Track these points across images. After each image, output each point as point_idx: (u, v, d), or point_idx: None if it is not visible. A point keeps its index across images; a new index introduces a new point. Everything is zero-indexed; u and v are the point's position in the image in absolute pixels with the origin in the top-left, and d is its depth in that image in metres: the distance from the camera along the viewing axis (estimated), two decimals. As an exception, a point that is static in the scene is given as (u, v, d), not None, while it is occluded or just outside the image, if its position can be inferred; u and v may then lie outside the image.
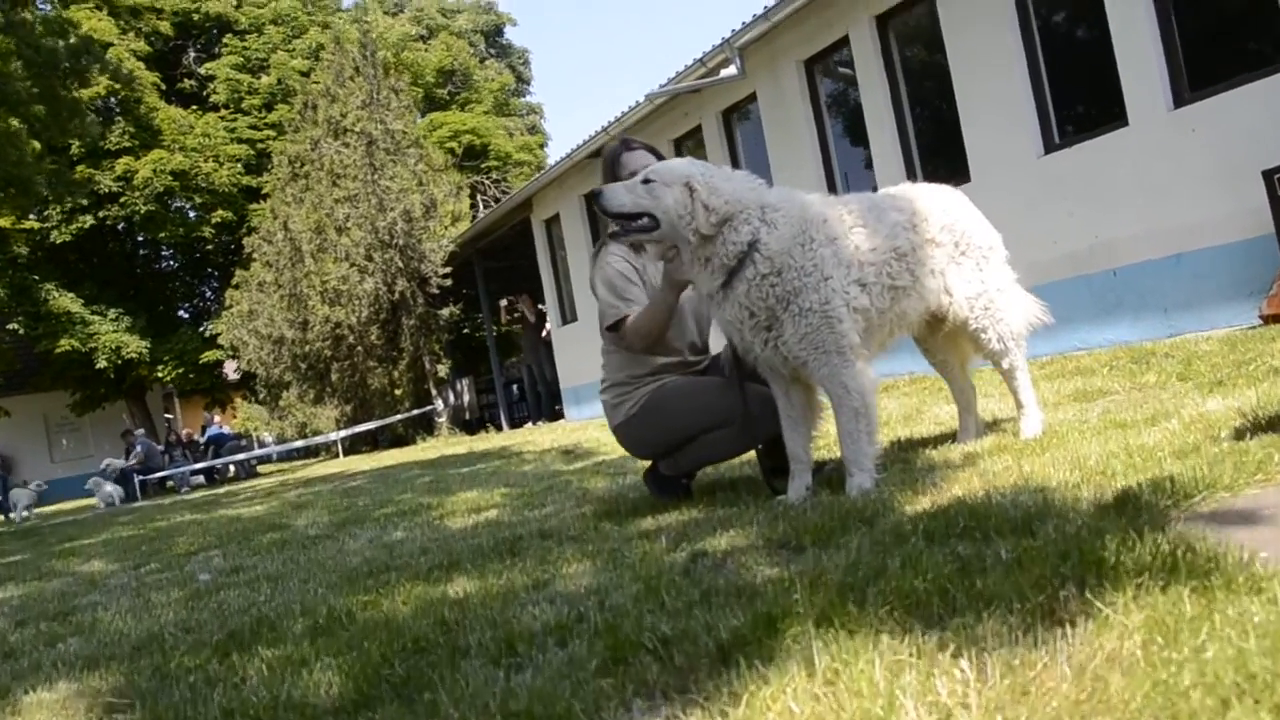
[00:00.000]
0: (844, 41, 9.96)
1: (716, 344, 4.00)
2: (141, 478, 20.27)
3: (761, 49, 10.66)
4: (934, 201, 3.80)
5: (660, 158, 4.00)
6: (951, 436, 4.26)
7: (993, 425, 4.33)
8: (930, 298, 3.71)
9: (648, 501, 4.04)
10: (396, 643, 2.39)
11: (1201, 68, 7.24)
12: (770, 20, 9.94)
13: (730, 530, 3.08)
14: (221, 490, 16.88)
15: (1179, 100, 7.08)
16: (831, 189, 10.53)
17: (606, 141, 13.46)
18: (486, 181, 29.34)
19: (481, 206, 28.89)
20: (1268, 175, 6.04)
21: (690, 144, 12.85)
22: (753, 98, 11.29)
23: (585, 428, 12.75)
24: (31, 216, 27.93)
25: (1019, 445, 3.63)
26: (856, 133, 10.34)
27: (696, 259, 3.45)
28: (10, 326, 29.00)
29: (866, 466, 3.43)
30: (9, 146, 14.28)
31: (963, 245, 3.79)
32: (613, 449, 8.53)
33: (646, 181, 3.47)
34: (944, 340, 4.01)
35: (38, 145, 15.81)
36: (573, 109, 78.71)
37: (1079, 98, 8.36)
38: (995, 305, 3.82)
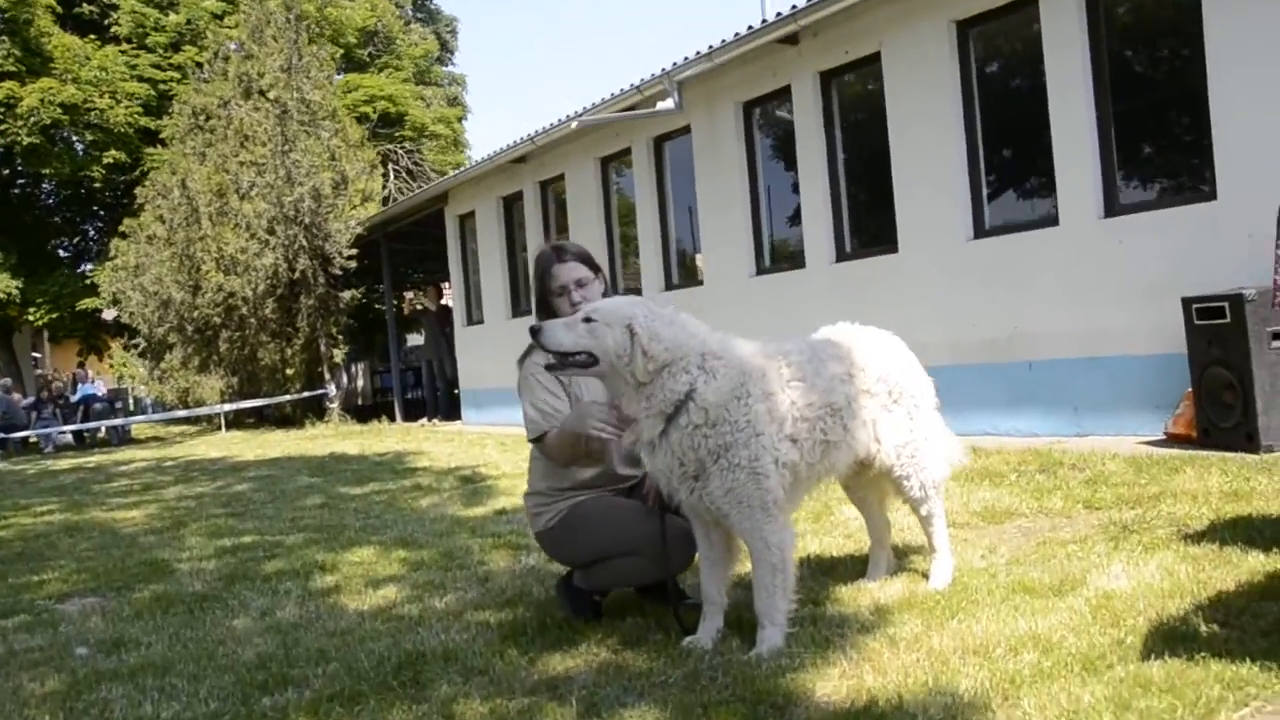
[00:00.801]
0: (785, 92, 10.06)
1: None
2: (1, 435, 19.61)
3: (701, 85, 10.73)
4: (872, 351, 3.91)
5: (594, 266, 4.05)
6: (860, 564, 4.41)
7: (901, 555, 4.47)
8: (860, 448, 3.83)
9: (555, 619, 4.09)
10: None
11: (1137, 183, 7.55)
12: (713, 60, 9.99)
13: (642, 698, 3.14)
14: (92, 461, 16.44)
15: (1110, 210, 7.36)
16: (757, 235, 10.67)
17: (532, 149, 13.42)
18: (399, 151, 28.89)
19: (393, 176, 28.48)
20: (1186, 303, 6.33)
21: (617, 165, 12.89)
22: (686, 130, 11.35)
23: (483, 441, 12.74)
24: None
25: (928, 603, 3.77)
26: (789, 183, 10.47)
27: (634, 400, 3.50)
28: None
29: (779, 621, 3.53)
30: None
31: (895, 394, 3.92)
32: (512, 482, 8.61)
33: (588, 320, 3.51)
34: (866, 481, 4.13)
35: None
36: (498, 87, 77.84)
37: (1014, 188, 8.63)
38: (920, 454, 3.96)
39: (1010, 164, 8.69)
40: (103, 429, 22.38)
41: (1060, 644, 3.17)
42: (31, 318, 29.14)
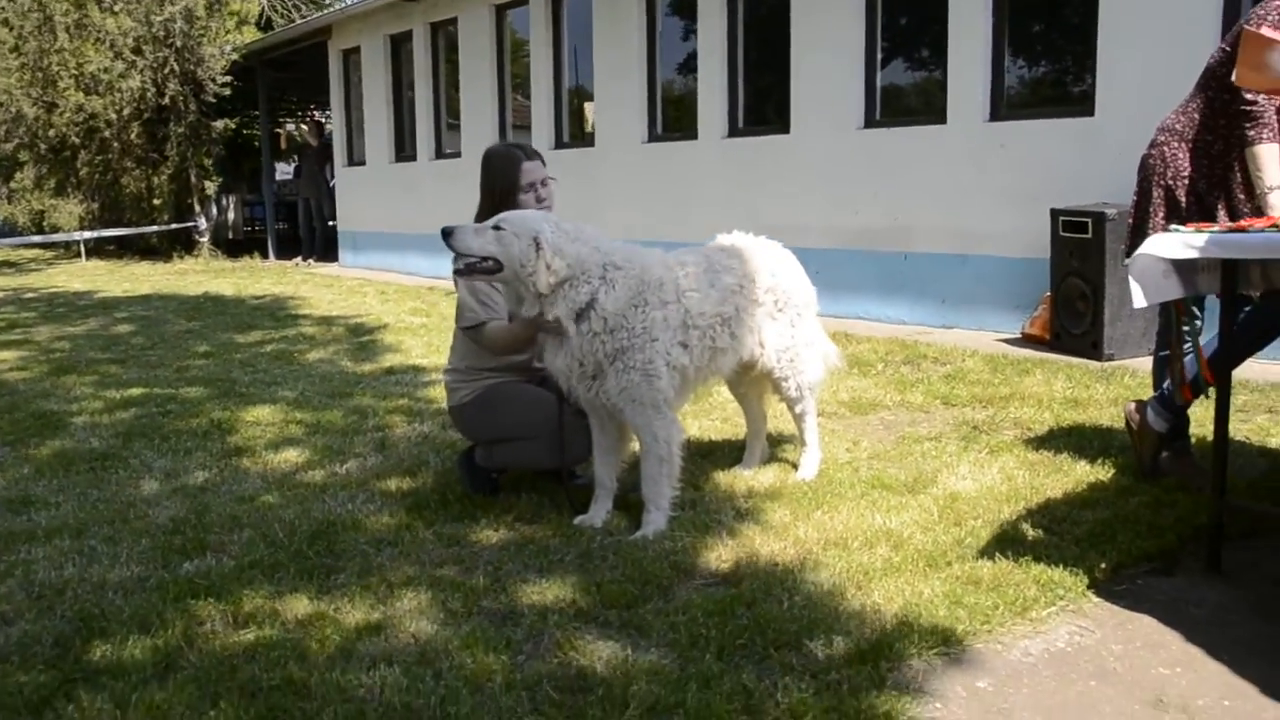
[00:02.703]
0: (690, -44, 10.17)
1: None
2: None
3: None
4: (763, 262, 4.33)
5: (544, 162, 4.37)
6: (736, 449, 4.93)
7: (774, 444, 4.99)
8: (745, 352, 4.29)
9: (455, 493, 4.49)
10: (243, 704, 2.79)
11: (1024, 91, 8.01)
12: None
13: (542, 576, 3.59)
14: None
15: (996, 114, 7.83)
16: (651, 102, 10.87)
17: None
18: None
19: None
20: (1054, 214, 6.90)
21: (515, 13, 12.81)
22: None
23: (363, 289, 12.89)
24: None
25: (796, 493, 4.29)
26: (688, 51, 10.64)
27: (532, 307, 3.86)
28: None
29: (663, 507, 4.02)
30: None
31: (781, 303, 4.36)
32: (397, 337, 8.91)
33: (497, 229, 3.83)
34: (748, 380, 4.60)
35: None
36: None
37: (907, 82, 9.01)
38: (800, 358, 4.44)
39: (906, 58, 9.05)
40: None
41: (909, 540, 3.72)
42: None
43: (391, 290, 12.54)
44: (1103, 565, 3.41)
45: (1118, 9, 7.01)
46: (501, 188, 4.35)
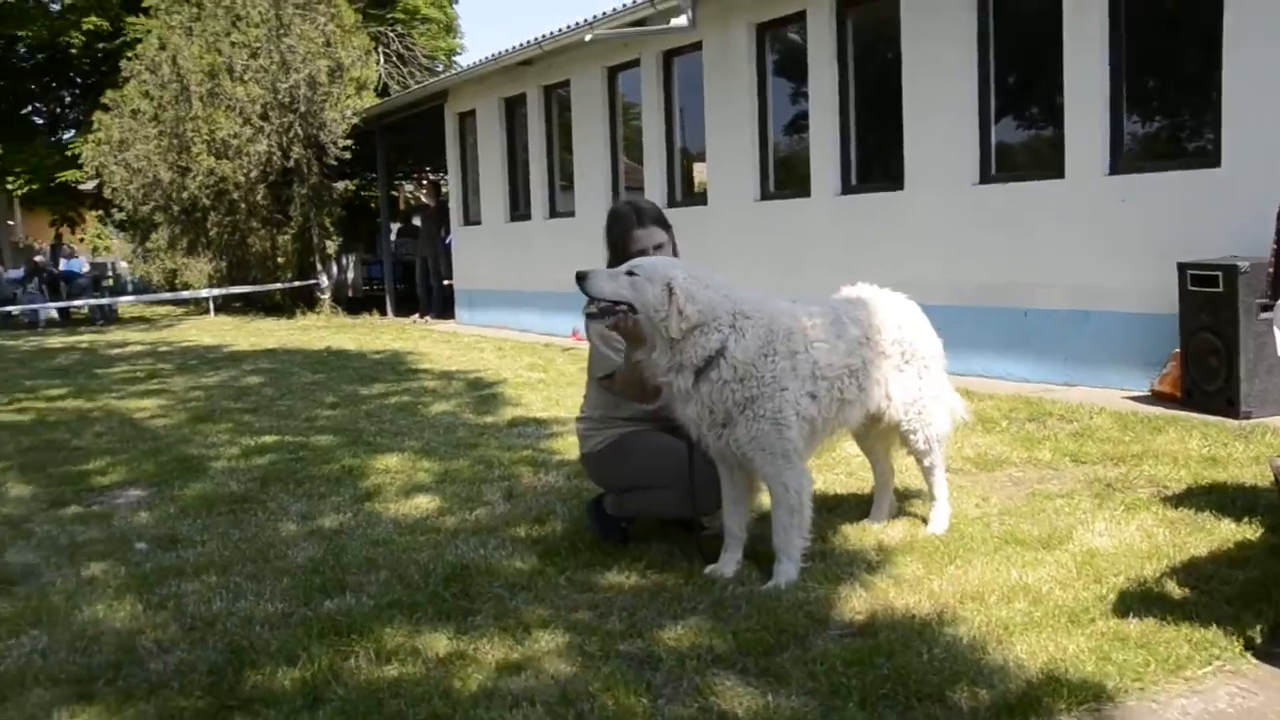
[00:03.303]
0: (800, 16, 10.25)
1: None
2: (-12, 308, 19.82)
3: (715, 3, 10.86)
4: (889, 314, 4.31)
5: (666, 225, 4.44)
6: (862, 503, 4.89)
7: (902, 499, 4.93)
8: (872, 404, 4.26)
9: (585, 540, 4.52)
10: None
11: (1144, 143, 7.88)
12: (729, -22, 10.18)
13: (677, 622, 3.59)
14: (84, 341, 16.72)
15: (1115, 168, 7.70)
16: (764, 159, 10.94)
17: (538, 54, 13.50)
18: (390, 34, 28.59)
19: (383, 60, 28.26)
20: (1182, 268, 6.74)
21: (625, 75, 13.04)
22: (698, 46, 11.52)
23: (480, 345, 13.11)
24: None
25: (927, 547, 4.23)
26: (799, 109, 10.72)
27: (665, 352, 3.90)
28: None
29: (795, 557, 3.99)
30: None
31: (908, 355, 4.33)
32: (516, 391, 9.04)
33: (631, 274, 3.89)
34: (875, 433, 4.56)
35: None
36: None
37: (1023, 136, 8.94)
38: (927, 411, 4.39)
39: (1021, 112, 8.99)
40: (86, 307, 22.54)
41: (1048, 596, 3.63)
42: (10, 187, 29.14)
43: (508, 346, 12.75)
44: (1259, 626, 3.28)
45: (1243, 60, 6.87)
46: (619, 246, 4.43)
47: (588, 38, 11.84)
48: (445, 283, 17.95)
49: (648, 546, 4.40)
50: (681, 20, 10.92)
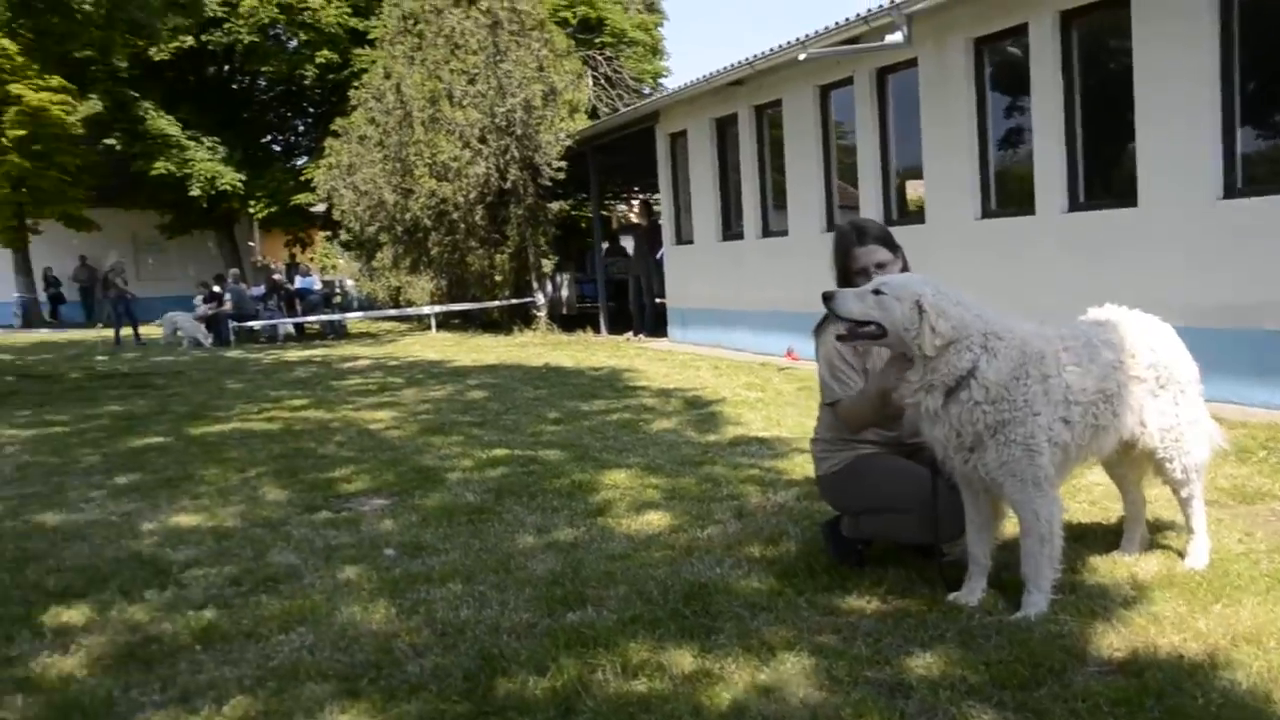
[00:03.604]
0: (1020, 29, 9.93)
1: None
2: (236, 324, 21.18)
3: (931, 18, 10.63)
4: (1143, 337, 4.11)
5: (893, 246, 4.35)
6: (1108, 533, 4.67)
7: (1153, 530, 4.68)
8: (1126, 431, 4.06)
9: (821, 562, 4.48)
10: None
11: None
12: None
13: (924, 650, 3.51)
14: (317, 354, 17.68)
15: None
16: (984, 176, 10.64)
17: (749, 74, 13.52)
18: (598, 57, 29.22)
19: (591, 83, 28.93)
20: None
21: (838, 94, 12.92)
22: (913, 63, 11.30)
23: (695, 363, 13.19)
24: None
25: (1188, 583, 4.00)
26: (1021, 124, 10.38)
27: (915, 372, 3.82)
28: (108, 141, 29.85)
29: (1045, 588, 3.84)
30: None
31: (1163, 380, 4.12)
32: (735, 410, 9.05)
33: (878, 293, 3.84)
34: (1128, 460, 4.35)
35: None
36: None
37: (1273, 146, 8.38)
38: (1184, 438, 4.16)
39: (1269, 121, 8.43)
40: (319, 322, 23.88)
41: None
42: (252, 210, 31.30)
43: (723, 365, 12.79)
44: None
45: None
46: (841, 266, 4.38)
47: (801, 57, 11.78)
48: (658, 301, 18.18)
49: (885, 570, 4.33)
50: (896, 37, 10.74)
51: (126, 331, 22.06)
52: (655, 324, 18.07)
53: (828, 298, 3.92)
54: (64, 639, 3.96)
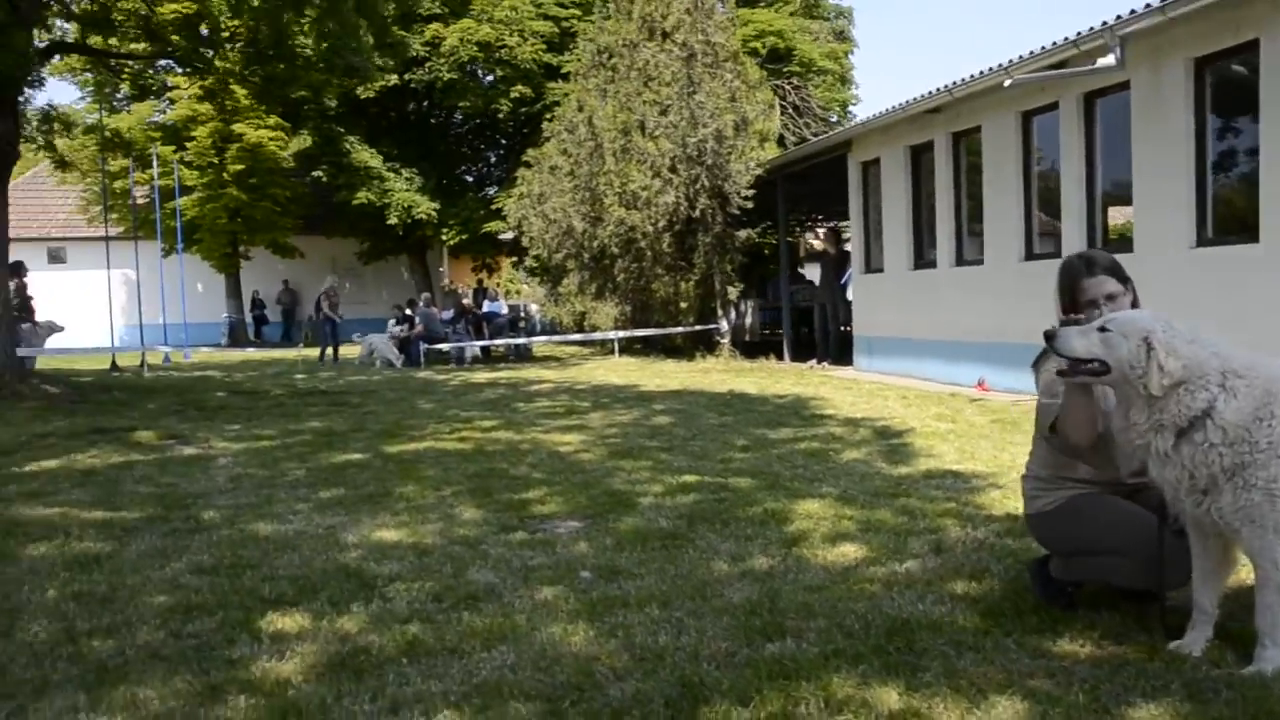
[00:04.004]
0: (1251, 47, 9.41)
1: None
2: (426, 346, 21.93)
3: (1147, 39, 10.20)
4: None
5: (1123, 278, 4.15)
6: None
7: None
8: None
9: (1029, 603, 4.30)
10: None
11: None
12: (1166, 14, 9.49)
13: (1148, 701, 3.31)
14: (503, 377, 18.11)
15: None
16: (1200, 202, 10.11)
17: (948, 101, 13.26)
18: (787, 87, 29.21)
19: (778, 113, 28.94)
20: None
21: (1041, 119, 12.52)
22: (1124, 86, 10.85)
23: (883, 392, 12.95)
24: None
25: None
26: (1243, 149, 9.83)
27: (1143, 411, 3.63)
28: (315, 174, 31.70)
29: (1281, 642, 3.58)
30: (350, 38, 15.53)
31: None
32: (926, 441, 8.83)
33: (1103, 330, 3.67)
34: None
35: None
36: (886, 20, 76.09)
37: None
38: None
39: None
40: (504, 345, 24.51)
41: None
42: (445, 238, 32.61)
43: (911, 395, 12.52)
44: None
45: None
46: (1065, 301, 4.19)
47: (1006, 83, 11.46)
48: (844, 329, 17.98)
49: (1098, 614, 4.12)
50: (1109, 60, 10.33)
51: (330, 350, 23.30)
52: (839, 352, 17.84)
53: (1049, 336, 3.77)
54: (280, 645, 4.13)
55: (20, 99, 14.73)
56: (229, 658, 4.00)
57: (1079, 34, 10.57)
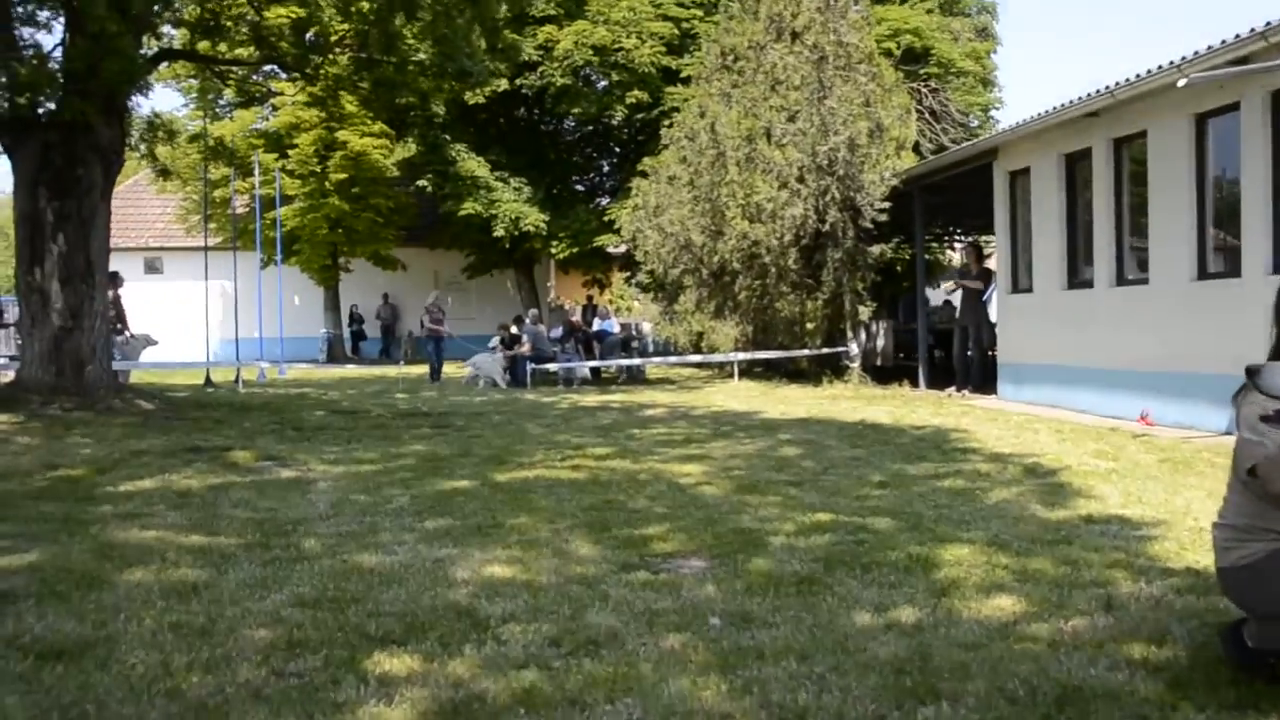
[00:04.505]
0: None
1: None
2: (533, 366, 22.07)
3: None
4: None
5: None
6: None
7: None
8: None
9: (1224, 675, 4.04)
10: None
11: None
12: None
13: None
14: (615, 400, 18.10)
15: None
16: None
17: (1109, 103, 12.87)
18: (924, 90, 28.79)
19: (914, 118, 28.50)
20: None
21: (1218, 121, 12.04)
22: (1320, 82, 10.38)
23: (1032, 425, 12.57)
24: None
25: None
26: None
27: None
28: (420, 183, 32.19)
29: None
30: (462, 42, 15.74)
31: None
32: (1085, 481, 8.49)
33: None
34: None
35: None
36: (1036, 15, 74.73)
37: None
38: None
39: None
40: (614, 366, 24.54)
41: None
42: (553, 251, 32.81)
43: (1065, 429, 12.12)
44: None
45: None
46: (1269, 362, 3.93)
47: (1181, 83, 11.02)
48: (988, 354, 17.56)
49: (1304, 687, 3.85)
50: (1304, 51, 9.87)
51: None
52: (982, 379, 17.41)
53: (1252, 372, 3.54)
54: (388, 688, 4.09)
55: (128, 106, 15.25)
56: (334, 700, 3.97)
57: (1268, 24, 10.12)
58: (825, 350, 20.55)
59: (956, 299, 20.94)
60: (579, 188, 36.65)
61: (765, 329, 21.53)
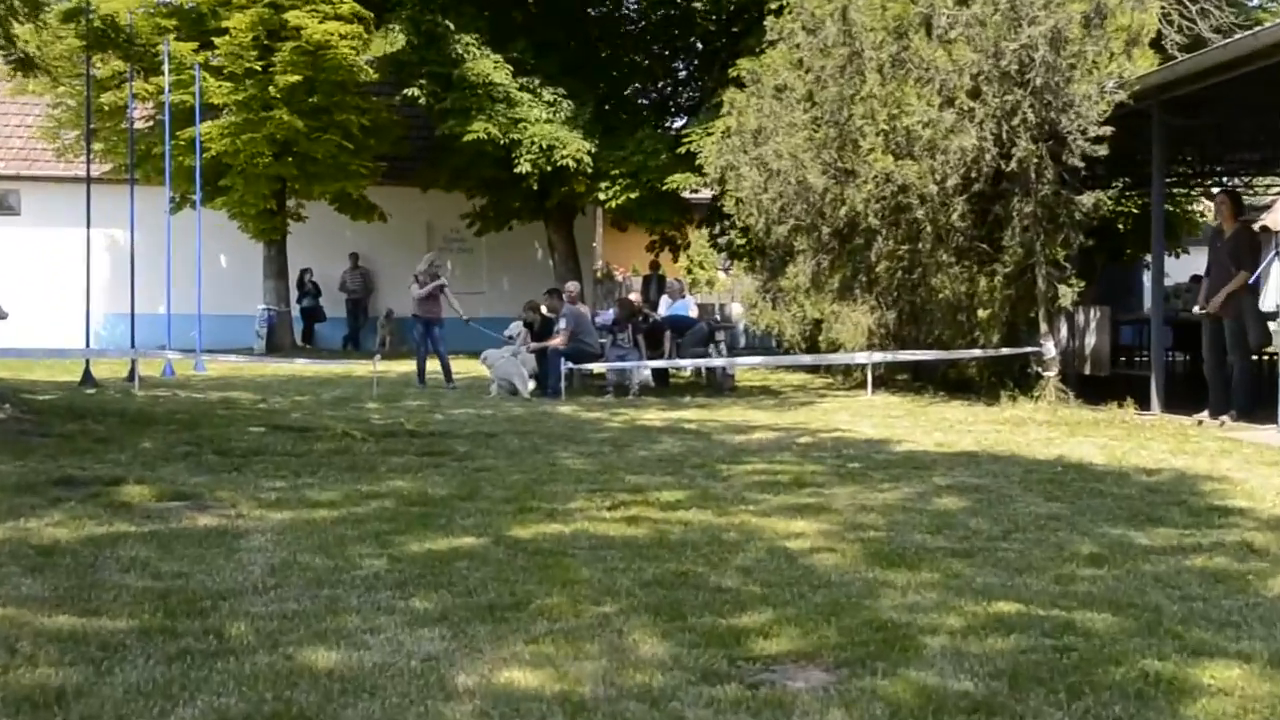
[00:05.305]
0: None
1: None
2: (570, 365, 21.95)
3: None
4: None
5: None
6: None
7: None
8: None
9: None
10: None
11: None
12: None
13: None
14: (689, 420, 17.99)
15: None
16: None
17: None
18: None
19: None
20: None
21: None
22: None
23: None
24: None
25: None
26: None
27: None
28: (409, 91, 31.69)
29: None
30: None
31: None
32: None
33: None
34: None
35: None
36: None
37: None
38: None
39: None
40: (689, 369, 24.36)
41: None
42: (603, 196, 32.18)
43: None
44: None
45: None
46: None
47: None
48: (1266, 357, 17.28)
49: None
50: None
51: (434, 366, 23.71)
52: (1251, 401, 17.10)
53: None
54: None
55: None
56: None
57: None
58: (1006, 351, 20.31)
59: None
60: (642, 102, 36.58)
61: (915, 318, 21.45)
